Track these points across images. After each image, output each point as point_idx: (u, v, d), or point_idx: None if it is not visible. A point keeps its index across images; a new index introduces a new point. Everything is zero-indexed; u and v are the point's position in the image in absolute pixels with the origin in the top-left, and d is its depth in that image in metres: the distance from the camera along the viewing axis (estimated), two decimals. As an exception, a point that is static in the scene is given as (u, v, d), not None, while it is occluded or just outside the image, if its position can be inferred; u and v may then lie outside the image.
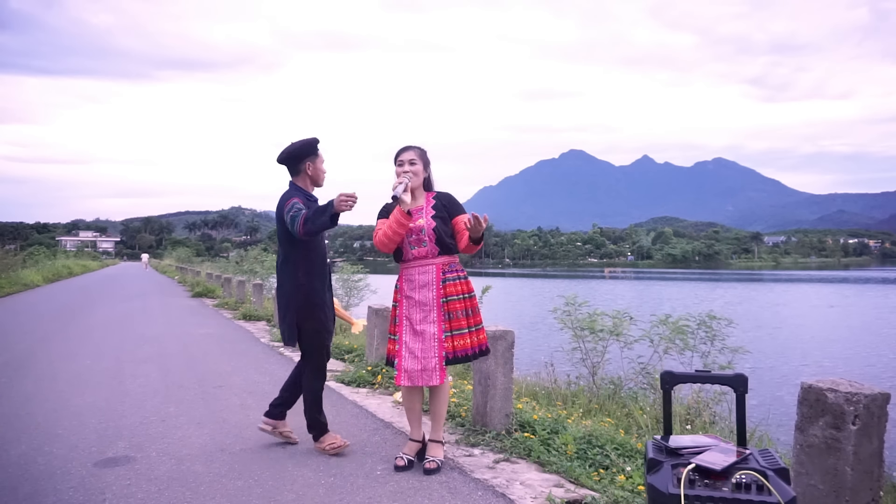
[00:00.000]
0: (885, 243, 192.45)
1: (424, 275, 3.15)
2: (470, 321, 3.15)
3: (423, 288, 3.14)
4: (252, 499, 2.80)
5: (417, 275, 3.17)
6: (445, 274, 3.14)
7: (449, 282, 3.14)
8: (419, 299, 3.14)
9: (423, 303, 3.13)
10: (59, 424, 4.04)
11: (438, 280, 3.13)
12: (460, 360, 3.12)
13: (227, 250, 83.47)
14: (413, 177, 3.12)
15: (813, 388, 2.06)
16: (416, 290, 3.16)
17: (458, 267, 3.21)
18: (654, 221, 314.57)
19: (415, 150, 3.22)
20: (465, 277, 3.22)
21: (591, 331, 5.91)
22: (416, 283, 3.16)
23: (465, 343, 3.10)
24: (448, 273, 3.15)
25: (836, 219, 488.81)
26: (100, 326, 9.88)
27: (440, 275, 3.14)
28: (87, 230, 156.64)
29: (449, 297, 3.12)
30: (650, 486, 1.72)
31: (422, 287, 3.15)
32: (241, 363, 6.44)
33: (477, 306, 3.22)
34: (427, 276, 3.15)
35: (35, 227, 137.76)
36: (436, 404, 3.26)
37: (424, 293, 3.14)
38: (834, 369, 12.11)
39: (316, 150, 3.42)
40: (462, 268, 3.23)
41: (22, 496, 2.84)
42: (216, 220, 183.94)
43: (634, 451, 3.38)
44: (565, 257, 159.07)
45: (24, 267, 24.70)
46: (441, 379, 3.07)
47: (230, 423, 4.08)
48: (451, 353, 3.08)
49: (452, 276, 3.15)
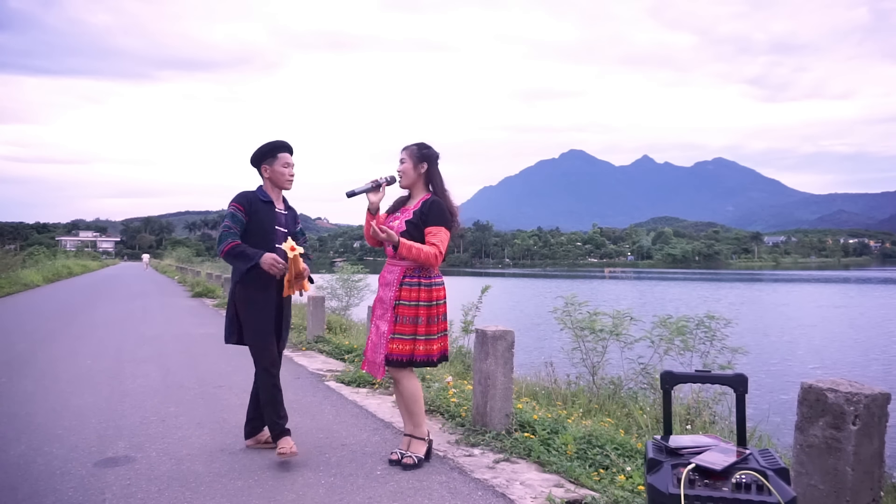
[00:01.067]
0: (885, 243, 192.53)
1: (390, 274, 3.24)
2: (418, 329, 3.13)
3: (386, 286, 3.23)
4: (252, 499, 2.80)
5: (387, 273, 3.28)
6: (406, 277, 3.16)
7: (405, 286, 3.16)
8: (381, 296, 3.27)
9: (383, 300, 3.23)
10: (59, 424, 4.04)
11: (398, 282, 3.18)
12: (394, 363, 3.13)
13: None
14: (403, 175, 3.25)
15: (813, 388, 2.05)
16: (382, 287, 3.28)
17: (423, 273, 3.17)
18: (654, 221, 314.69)
19: (408, 148, 3.27)
20: (429, 286, 3.16)
21: (591, 331, 5.91)
22: (384, 280, 3.28)
23: (403, 349, 3.12)
24: (409, 277, 3.16)
25: (836, 219, 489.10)
26: (100, 326, 9.88)
27: (401, 277, 3.18)
28: (87, 230, 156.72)
29: (400, 301, 3.15)
30: (650, 486, 1.72)
31: (385, 285, 3.25)
32: (241, 363, 6.44)
33: (434, 316, 3.17)
34: (392, 276, 3.22)
35: (35, 227, 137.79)
36: (403, 400, 3.25)
37: (386, 291, 3.22)
38: (839, 370, 12.11)
39: (272, 153, 3.40)
40: (429, 275, 3.18)
41: (22, 496, 2.84)
42: (216, 220, 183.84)
43: (634, 451, 3.38)
44: (565, 257, 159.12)
45: (24, 267, 24.70)
46: (381, 375, 3.18)
47: (230, 423, 4.08)
48: (389, 353, 3.14)
49: (412, 282, 3.15)
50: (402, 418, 3.43)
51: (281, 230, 3.38)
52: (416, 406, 3.23)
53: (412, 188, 3.32)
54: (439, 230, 3.15)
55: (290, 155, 3.45)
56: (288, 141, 3.47)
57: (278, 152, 3.41)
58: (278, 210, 3.43)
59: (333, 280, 14.56)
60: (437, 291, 3.21)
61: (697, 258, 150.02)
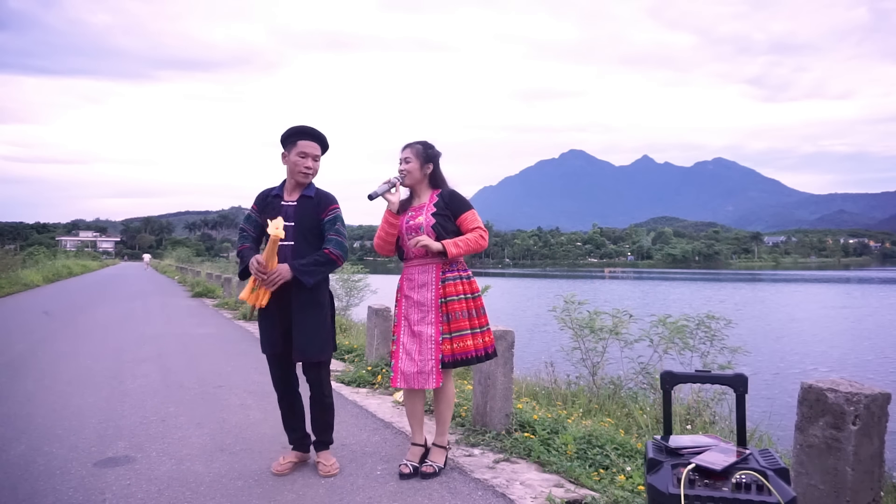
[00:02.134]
0: (886, 243, 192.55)
1: (424, 274, 3.07)
2: (473, 322, 3.04)
3: (422, 288, 3.06)
4: (252, 499, 2.80)
5: (417, 274, 3.09)
6: (445, 273, 3.05)
7: (449, 282, 3.04)
8: (417, 299, 3.06)
9: (422, 303, 3.05)
10: (59, 424, 4.04)
11: (437, 280, 3.04)
12: (460, 363, 3.00)
13: (227, 250, 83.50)
14: (408, 174, 3.11)
15: (813, 388, 2.05)
16: (415, 290, 3.08)
17: (460, 266, 3.11)
18: (654, 221, 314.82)
19: (412, 147, 3.15)
20: (469, 277, 3.11)
21: (590, 330, 5.91)
22: (416, 282, 3.09)
23: (467, 345, 2.99)
24: (448, 273, 3.05)
25: (836, 219, 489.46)
26: (100, 326, 9.88)
27: (440, 274, 3.05)
28: (87, 230, 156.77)
29: (448, 298, 3.02)
30: (650, 486, 1.72)
31: (421, 287, 3.07)
32: (241, 363, 6.44)
33: (482, 307, 3.12)
34: (426, 276, 3.07)
35: (35, 227, 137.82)
36: (439, 408, 3.16)
37: (423, 293, 3.05)
38: (840, 370, 12.09)
39: (291, 139, 3.04)
40: (465, 267, 3.14)
41: (22, 496, 2.84)
42: (216, 220, 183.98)
43: (634, 451, 3.38)
44: (565, 257, 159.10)
45: (24, 267, 24.70)
46: (437, 382, 2.96)
47: (230, 423, 4.08)
48: (449, 355, 2.97)
49: (453, 276, 3.05)
50: (412, 427, 3.21)
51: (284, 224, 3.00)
52: (450, 412, 3.16)
53: (416, 188, 3.20)
54: (472, 213, 3.10)
55: (311, 143, 3.05)
56: (315, 127, 3.08)
57: (297, 139, 3.03)
58: (285, 202, 3.06)
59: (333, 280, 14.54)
60: (474, 283, 3.14)
61: (697, 258, 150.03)
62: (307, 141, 3.03)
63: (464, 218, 3.10)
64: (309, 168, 3.04)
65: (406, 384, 3.00)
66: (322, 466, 3.11)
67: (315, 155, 3.06)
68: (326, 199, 3.11)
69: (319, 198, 3.10)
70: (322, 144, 3.10)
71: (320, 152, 3.10)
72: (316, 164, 3.08)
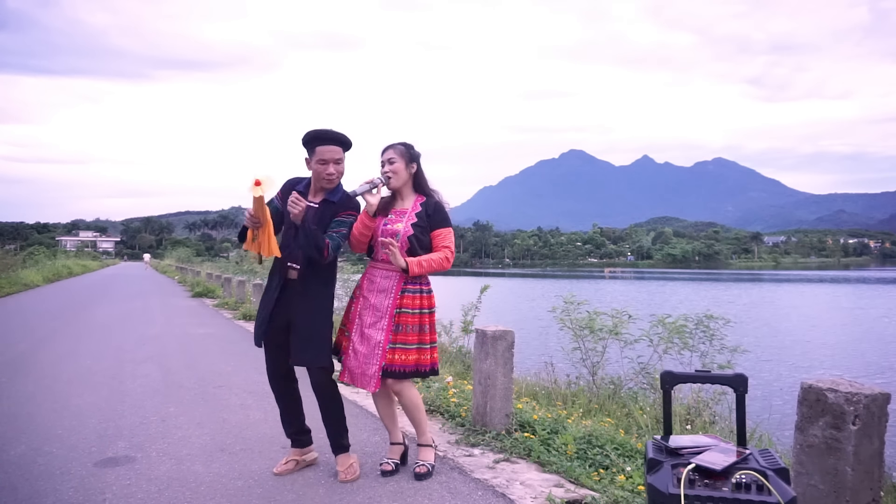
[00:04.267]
0: (885, 243, 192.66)
1: (386, 280, 3.04)
2: (423, 338, 3.02)
3: (381, 293, 3.03)
4: (252, 499, 2.80)
5: (380, 278, 3.06)
6: (407, 284, 3.01)
7: (407, 293, 3.01)
8: (374, 303, 3.03)
9: (377, 308, 3.02)
10: (59, 424, 4.04)
11: (398, 289, 3.01)
12: (397, 374, 2.95)
13: (227, 250, 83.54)
14: (394, 176, 3.04)
15: (813, 388, 2.05)
16: (373, 293, 3.05)
17: (423, 280, 3.08)
18: (654, 221, 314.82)
19: (395, 148, 3.09)
20: (429, 292, 3.09)
21: (590, 330, 5.91)
22: (377, 286, 3.06)
23: (407, 359, 2.96)
24: (409, 284, 3.02)
25: (836, 219, 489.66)
26: (100, 326, 9.88)
27: (401, 284, 3.01)
28: (87, 230, 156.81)
29: (403, 309, 2.99)
30: (650, 486, 1.72)
31: (380, 292, 3.04)
32: (241, 363, 6.44)
33: (433, 324, 3.10)
34: (388, 283, 3.03)
35: (35, 227, 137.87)
36: (407, 413, 3.14)
37: (381, 298, 3.03)
38: (840, 371, 12.09)
39: (309, 145, 2.99)
40: (428, 281, 3.11)
41: (22, 496, 2.84)
42: (216, 220, 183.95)
43: (634, 451, 3.38)
44: (565, 257, 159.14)
45: (24, 267, 24.71)
46: (376, 387, 2.95)
47: (230, 423, 4.08)
48: (389, 365, 2.94)
49: (413, 289, 3.02)
50: (387, 427, 3.25)
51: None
52: (420, 414, 3.13)
53: (401, 190, 3.12)
54: (448, 232, 3.08)
55: (330, 147, 2.96)
56: (337, 130, 2.97)
57: (315, 145, 2.96)
58: (309, 202, 2.99)
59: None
60: (433, 299, 3.12)
61: (697, 258, 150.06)
62: (325, 146, 2.96)
63: (438, 233, 3.06)
64: (331, 174, 2.97)
65: (351, 381, 3.03)
66: (340, 474, 3.05)
67: (336, 159, 2.99)
68: (347, 204, 3.06)
69: (342, 202, 3.05)
70: (343, 145, 3.03)
71: (342, 154, 3.03)
72: (339, 168, 3.01)
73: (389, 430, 3.24)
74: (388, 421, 3.21)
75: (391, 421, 3.21)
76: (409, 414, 3.13)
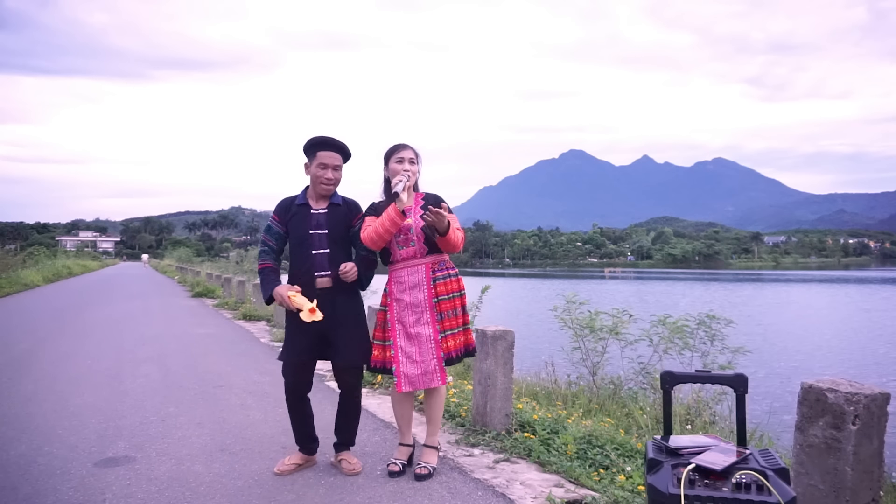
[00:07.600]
0: (885, 243, 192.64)
1: (414, 275, 3.06)
2: (465, 318, 3.13)
3: (414, 289, 3.05)
4: (252, 499, 2.81)
5: (407, 276, 3.07)
6: (435, 273, 3.06)
7: (439, 281, 3.06)
8: (410, 301, 3.04)
9: (415, 304, 3.04)
10: (59, 424, 4.04)
11: (429, 280, 3.05)
12: (453, 360, 3.06)
13: (227, 250, 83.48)
14: (411, 176, 3.04)
15: (813, 388, 2.06)
16: (406, 292, 3.06)
17: (448, 265, 3.13)
18: (654, 221, 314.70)
19: (411, 148, 3.12)
20: (457, 275, 3.14)
21: (591, 330, 5.90)
22: (406, 284, 3.06)
23: (458, 343, 3.07)
24: (438, 272, 3.07)
25: (836, 219, 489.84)
26: (100, 326, 9.88)
27: (430, 274, 3.05)
28: (86, 230, 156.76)
29: (440, 297, 3.04)
30: (650, 486, 1.72)
31: (412, 288, 3.05)
32: (241, 363, 6.44)
33: (466, 305, 3.18)
34: (417, 277, 3.05)
35: (35, 227, 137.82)
36: (433, 408, 3.14)
37: (415, 294, 3.04)
38: (841, 371, 12.09)
39: (311, 150, 3.05)
40: (452, 265, 3.16)
41: (22, 496, 2.84)
42: (216, 220, 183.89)
43: (634, 451, 3.38)
44: (565, 257, 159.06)
45: (24, 267, 24.70)
46: (443, 380, 2.98)
47: (230, 423, 4.08)
48: (446, 353, 3.01)
49: (443, 275, 3.07)
50: (400, 429, 3.22)
51: (317, 233, 3.05)
52: (441, 412, 3.19)
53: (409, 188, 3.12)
54: (455, 219, 3.10)
55: (331, 154, 3.04)
56: (336, 138, 3.07)
57: (317, 150, 3.03)
58: (314, 211, 3.08)
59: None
60: (461, 281, 3.18)
61: (697, 258, 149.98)
62: (326, 152, 3.04)
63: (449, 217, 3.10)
64: (329, 179, 3.05)
65: (412, 387, 2.97)
66: (346, 465, 3.16)
67: (335, 165, 3.06)
68: (355, 207, 3.20)
69: (348, 205, 3.17)
70: (343, 154, 3.11)
71: (341, 162, 3.11)
72: (337, 174, 3.08)
73: (402, 432, 3.21)
74: (404, 422, 3.20)
75: (406, 422, 3.20)
76: (433, 412, 3.14)
